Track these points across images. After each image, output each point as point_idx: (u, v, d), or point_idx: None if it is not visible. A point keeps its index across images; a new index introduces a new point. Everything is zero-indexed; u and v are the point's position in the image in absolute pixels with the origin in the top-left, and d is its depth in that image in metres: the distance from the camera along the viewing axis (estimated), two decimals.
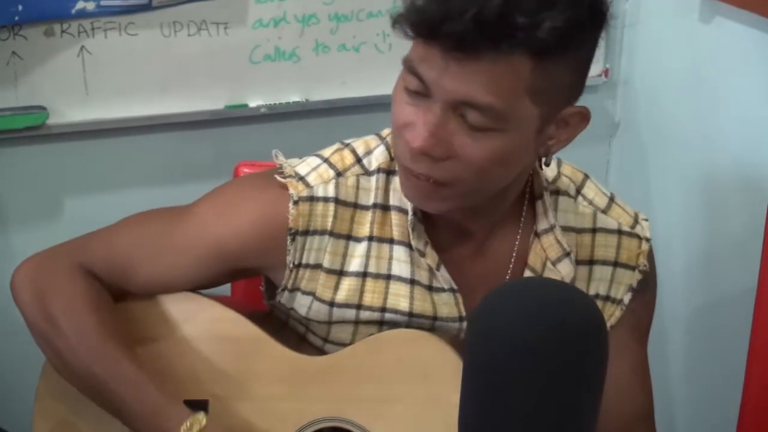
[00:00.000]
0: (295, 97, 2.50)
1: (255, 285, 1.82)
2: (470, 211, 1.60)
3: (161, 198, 1.82)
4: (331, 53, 2.49)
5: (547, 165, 1.60)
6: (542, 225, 1.66)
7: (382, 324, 1.67)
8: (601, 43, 1.57)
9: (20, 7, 2.17)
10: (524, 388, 1.26)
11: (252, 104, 2.48)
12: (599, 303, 1.68)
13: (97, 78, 2.33)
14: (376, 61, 2.53)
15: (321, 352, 1.71)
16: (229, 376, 1.69)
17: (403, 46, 1.66)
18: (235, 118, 2.48)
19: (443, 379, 1.55)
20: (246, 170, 2.03)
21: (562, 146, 1.55)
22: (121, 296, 1.72)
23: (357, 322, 1.67)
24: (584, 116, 1.54)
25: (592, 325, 1.30)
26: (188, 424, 1.59)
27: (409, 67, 1.48)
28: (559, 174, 1.70)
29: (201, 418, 1.60)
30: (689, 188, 2.55)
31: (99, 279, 1.69)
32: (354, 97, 2.54)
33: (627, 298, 1.71)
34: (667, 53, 2.53)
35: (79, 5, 2.23)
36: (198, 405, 1.66)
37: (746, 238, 2.21)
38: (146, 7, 2.29)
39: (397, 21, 1.49)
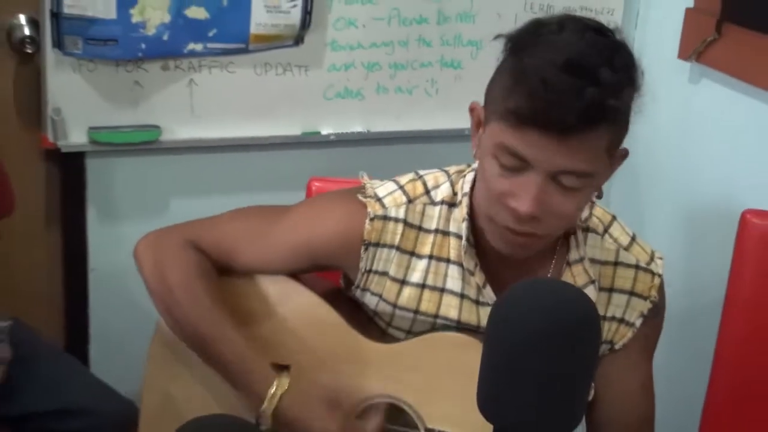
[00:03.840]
0: (358, 128, 2.69)
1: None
2: None
3: (247, 204, 1.87)
4: (390, 94, 2.67)
5: (599, 198, 1.66)
6: (574, 256, 1.71)
7: (434, 326, 1.75)
8: None
9: (143, 45, 2.38)
10: (535, 361, 1.26)
11: (324, 132, 2.65)
12: (615, 324, 1.75)
13: (201, 104, 2.52)
14: (425, 101, 2.71)
15: (384, 332, 1.78)
16: (311, 350, 1.74)
17: (448, 91, 1.72)
18: (310, 142, 2.65)
19: None
20: (317, 184, 2.10)
21: (605, 181, 1.62)
22: (223, 272, 1.77)
23: (414, 321, 1.75)
24: (625, 156, 1.62)
25: (590, 317, 1.31)
26: (274, 386, 1.66)
27: (507, 150, 1.52)
28: (590, 214, 1.74)
29: (284, 383, 1.66)
30: (673, 215, 2.67)
31: (206, 254, 1.75)
32: (406, 130, 2.72)
33: (638, 323, 1.76)
34: (660, 108, 2.49)
35: (190, 46, 2.43)
36: (282, 367, 1.72)
37: (718, 258, 2.25)
38: (244, 50, 2.48)
39: (494, 112, 1.54)
